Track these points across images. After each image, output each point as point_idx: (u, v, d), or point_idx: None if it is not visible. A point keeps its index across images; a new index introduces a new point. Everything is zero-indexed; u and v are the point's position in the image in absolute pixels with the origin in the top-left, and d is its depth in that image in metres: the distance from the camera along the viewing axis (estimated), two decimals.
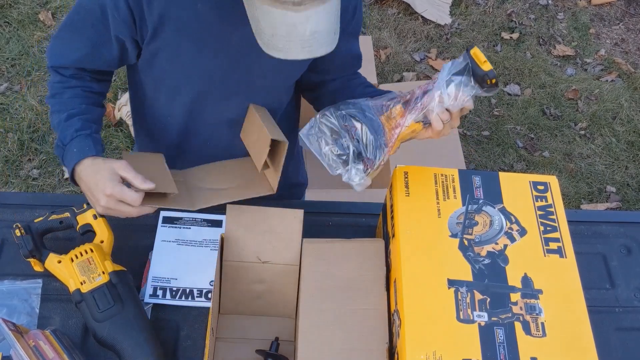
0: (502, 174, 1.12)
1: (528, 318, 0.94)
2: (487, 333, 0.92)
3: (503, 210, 1.07)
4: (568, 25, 3.35)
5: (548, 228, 1.05)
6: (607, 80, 3.09)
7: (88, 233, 1.19)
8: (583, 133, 2.87)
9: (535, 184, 1.11)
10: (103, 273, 1.11)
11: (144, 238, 1.25)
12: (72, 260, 1.13)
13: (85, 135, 1.10)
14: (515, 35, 3.25)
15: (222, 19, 1.05)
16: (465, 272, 0.98)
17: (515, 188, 1.10)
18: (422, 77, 3.01)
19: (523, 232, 1.04)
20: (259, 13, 0.86)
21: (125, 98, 2.66)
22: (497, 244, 1.02)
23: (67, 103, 1.14)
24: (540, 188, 1.11)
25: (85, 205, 1.20)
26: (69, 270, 1.12)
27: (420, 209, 1.06)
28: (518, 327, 0.93)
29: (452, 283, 0.97)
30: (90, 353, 1.10)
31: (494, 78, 0.97)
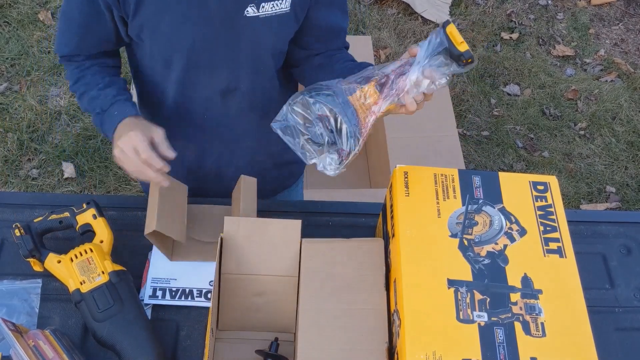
0: (502, 174, 1.12)
1: (528, 318, 0.94)
2: (486, 333, 0.92)
3: (503, 210, 1.07)
4: (568, 26, 3.35)
5: (548, 228, 1.05)
6: (606, 81, 3.10)
7: (88, 233, 1.19)
8: (583, 133, 2.87)
9: (535, 184, 1.11)
10: (103, 273, 1.11)
11: (144, 238, 1.24)
12: (71, 260, 1.13)
13: (123, 100, 1.17)
14: (515, 36, 3.25)
15: None
16: (465, 272, 0.98)
17: (515, 188, 1.10)
18: None
19: (523, 232, 1.04)
20: None
21: None
22: (497, 244, 1.02)
23: (92, 81, 1.20)
24: (540, 188, 1.11)
25: (85, 205, 1.20)
26: (69, 270, 1.12)
27: (420, 209, 1.06)
28: (518, 327, 0.93)
29: (451, 283, 0.97)
30: (90, 353, 1.10)
31: (470, 58, 0.96)
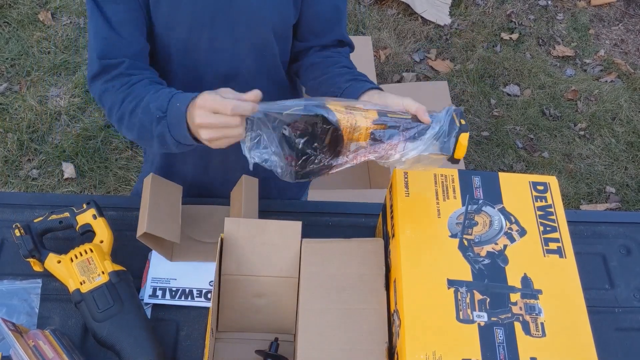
0: (501, 174, 1.12)
1: (528, 318, 0.94)
2: (486, 333, 0.92)
3: (503, 211, 1.07)
4: (567, 26, 3.36)
5: (548, 228, 1.05)
6: (606, 81, 3.10)
7: (88, 233, 1.19)
8: (582, 134, 2.87)
9: (535, 184, 1.11)
10: (103, 273, 1.11)
11: None
12: (71, 260, 1.13)
13: (182, 92, 1.03)
14: (515, 36, 3.25)
15: None
16: (465, 272, 0.98)
17: (515, 188, 1.10)
18: (421, 77, 3.01)
19: (523, 232, 1.04)
20: None
21: None
22: (496, 244, 1.02)
23: (142, 91, 1.06)
24: (540, 188, 1.11)
25: (85, 205, 1.20)
26: (69, 270, 1.12)
27: (420, 209, 1.06)
28: (518, 327, 0.93)
29: (451, 283, 0.97)
30: (90, 353, 1.10)
31: (457, 162, 0.98)
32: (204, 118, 0.91)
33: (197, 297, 1.18)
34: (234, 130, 0.92)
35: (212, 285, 1.19)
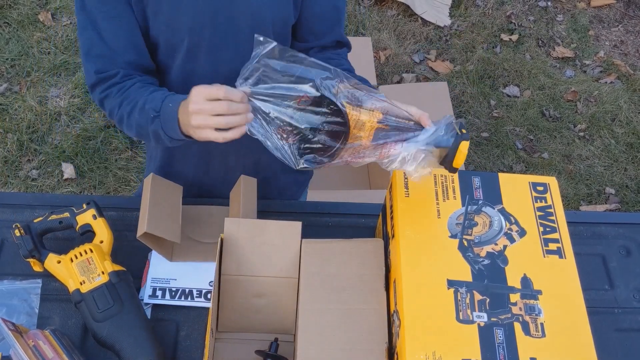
0: (501, 175, 1.12)
1: (527, 318, 0.94)
2: (486, 333, 0.92)
3: (502, 211, 1.07)
4: (567, 27, 3.36)
5: (547, 229, 1.05)
6: (606, 82, 3.10)
7: (87, 233, 1.19)
8: (582, 135, 2.87)
9: (535, 185, 1.11)
10: (102, 273, 1.11)
11: None
12: (71, 260, 1.13)
13: (174, 94, 1.11)
14: (515, 37, 3.25)
15: None
16: (465, 272, 0.98)
17: (515, 189, 1.10)
18: (421, 78, 3.01)
19: (522, 232, 1.04)
20: None
21: None
22: (496, 245, 1.02)
23: (137, 94, 1.13)
24: (540, 189, 1.11)
25: (85, 206, 1.20)
26: (69, 270, 1.12)
27: (420, 210, 1.06)
28: (517, 327, 0.93)
29: (451, 283, 0.97)
30: (90, 353, 1.10)
31: (455, 172, 0.99)
32: (197, 104, 0.97)
33: (197, 297, 1.18)
34: (227, 119, 0.97)
35: (211, 286, 1.19)
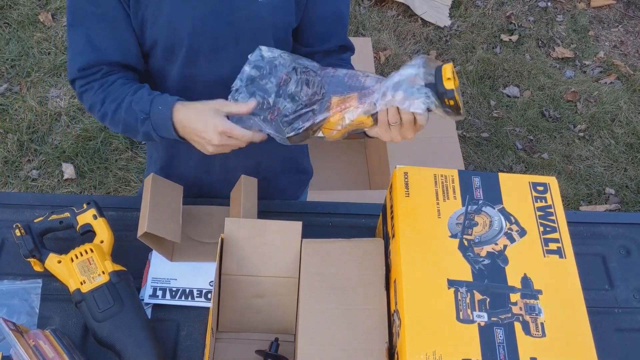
0: (501, 175, 1.12)
1: (528, 318, 0.94)
2: (486, 333, 0.92)
3: (503, 211, 1.07)
4: (567, 28, 3.36)
5: (548, 229, 1.05)
6: (606, 83, 3.10)
7: (88, 233, 1.19)
8: (582, 135, 2.87)
9: (535, 185, 1.11)
10: (103, 273, 1.11)
11: None
12: (72, 260, 1.13)
13: (159, 94, 1.13)
14: (515, 37, 3.26)
15: None
16: (465, 272, 0.99)
17: (515, 189, 1.11)
18: None
19: (523, 232, 1.05)
20: None
21: None
22: (496, 245, 1.02)
23: (121, 93, 1.14)
24: (540, 189, 1.11)
25: (85, 205, 1.20)
26: (69, 270, 1.12)
27: (420, 210, 1.06)
28: (518, 327, 0.93)
29: (451, 283, 0.97)
30: (90, 353, 1.10)
31: (452, 99, 0.88)
32: (223, 141, 1.06)
33: (197, 297, 1.18)
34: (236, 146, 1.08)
35: (212, 286, 1.19)
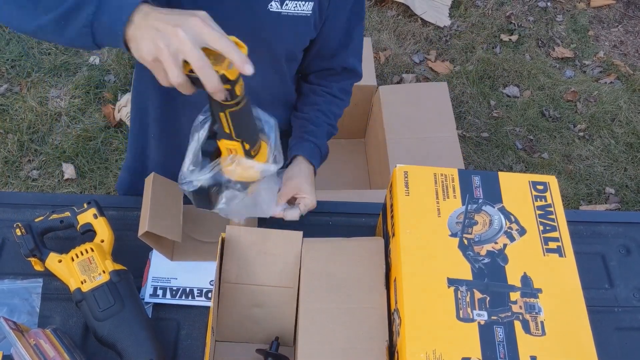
0: (501, 174, 1.12)
1: (527, 317, 0.94)
2: (486, 332, 0.92)
3: (503, 210, 1.07)
4: (567, 28, 3.36)
5: (547, 227, 1.06)
6: (605, 82, 3.10)
7: (88, 232, 1.19)
8: (582, 135, 2.88)
9: (535, 184, 1.12)
10: (103, 272, 1.11)
11: None
12: (72, 260, 1.13)
13: None
14: (515, 37, 3.26)
15: None
16: (465, 271, 0.99)
17: (515, 188, 1.11)
18: (421, 79, 3.02)
19: (522, 231, 1.05)
20: None
21: (125, 99, 2.66)
22: (496, 243, 1.03)
23: None
24: (540, 188, 1.11)
25: (86, 205, 1.20)
26: (70, 270, 1.12)
27: (420, 209, 1.06)
28: (518, 325, 0.93)
29: (451, 282, 0.97)
30: (91, 352, 1.10)
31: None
32: (198, 30, 0.75)
33: (197, 296, 1.18)
34: (174, 72, 0.77)
35: (212, 285, 1.19)
